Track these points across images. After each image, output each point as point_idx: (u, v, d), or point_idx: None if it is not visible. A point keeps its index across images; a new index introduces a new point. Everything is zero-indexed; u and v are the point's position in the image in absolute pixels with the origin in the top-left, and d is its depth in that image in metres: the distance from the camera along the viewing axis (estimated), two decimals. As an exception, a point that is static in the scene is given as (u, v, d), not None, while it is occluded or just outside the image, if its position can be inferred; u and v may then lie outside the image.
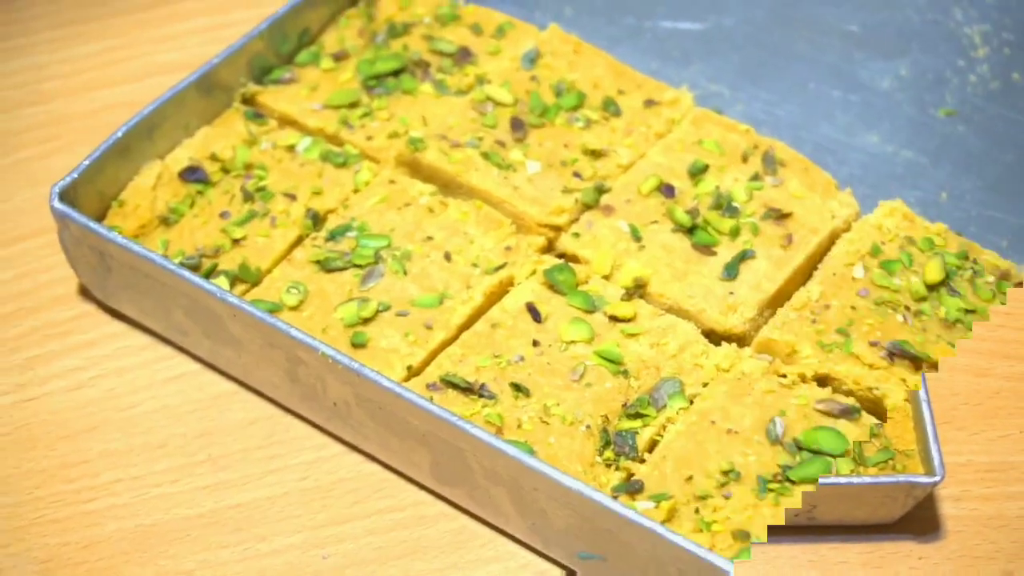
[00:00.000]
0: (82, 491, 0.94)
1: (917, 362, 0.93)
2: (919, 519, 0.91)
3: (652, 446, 0.90)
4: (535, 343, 0.94)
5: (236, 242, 0.99)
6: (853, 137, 1.11)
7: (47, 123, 1.14)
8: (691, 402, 0.92)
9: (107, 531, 0.92)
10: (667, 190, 1.01)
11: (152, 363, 1.00)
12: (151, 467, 0.95)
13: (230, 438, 0.96)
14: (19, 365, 1.00)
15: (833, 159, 1.10)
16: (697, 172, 1.02)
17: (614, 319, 0.95)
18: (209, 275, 0.97)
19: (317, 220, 1.00)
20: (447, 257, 0.97)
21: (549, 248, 1.00)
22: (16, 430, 0.96)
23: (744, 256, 0.97)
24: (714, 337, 0.96)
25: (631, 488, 0.87)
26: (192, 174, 1.03)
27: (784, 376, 0.93)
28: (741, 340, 0.95)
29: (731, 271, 0.96)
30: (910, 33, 1.18)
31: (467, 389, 0.91)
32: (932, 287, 0.96)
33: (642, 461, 0.89)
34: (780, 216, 0.99)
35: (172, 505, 0.93)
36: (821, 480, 0.85)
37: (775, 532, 0.89)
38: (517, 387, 0.91)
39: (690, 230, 0.98)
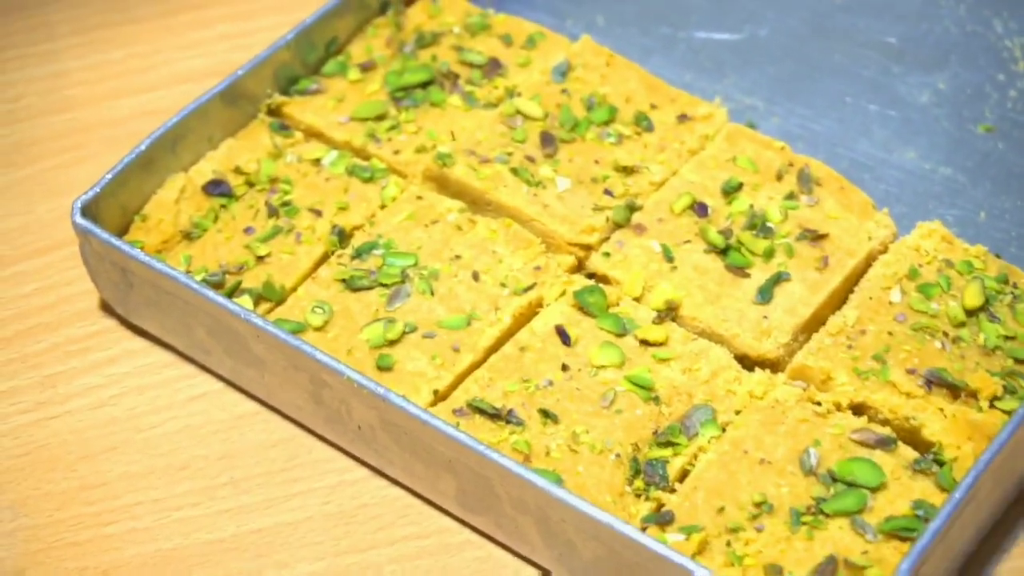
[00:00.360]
0: (102, 514, 0.92)
1: (955, 391, 0.90)
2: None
3: (683, 475, 0.88)
4: (564, 367, 0.92)
5: (260, 259, 0.97)
6: (890, 153, 1.08)
7: (70, 132, 1.13)
8: (723, 430, 0.90)
9: (127, 555, 0.90)
10: (700, 209, 0.99)
11: (174, 381, 0.98)
12: (172, 489, 0.93)
13: (252, 460, 0.94)
14: (39, 382, 0.98)
15: (870, 176, 1.07)
16: (731, 190, 1.00)
17: (645, 343, 0.93)
18: (232, 293, 0.96)
19: (343, 237, 0.98)
20: (475, 277, 0.95)
21: (579, 267, 0.98)
22: (36, 450, 0.95)
23: (779, 279, 0.95)
24: (747, 362, 0.93)
25: (661, 519, 0.85)
26: (216, 188, 1.02)
27: (819, 404, 0.90)
28: (775, 366, 0.93)
29: (765, 294, 0.94)
30: (949, 45, 1.15)
31: (495, 415, 0.89)
32: (971, 312, 0.94)
33: (673, 491, 0.87)
34: (816, 237, 0.97)
35: (193, 529, 0.91)
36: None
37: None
38: (545, 413, 0.89)
39: (723, 251, 0.96)
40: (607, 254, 0.97)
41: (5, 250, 1.05)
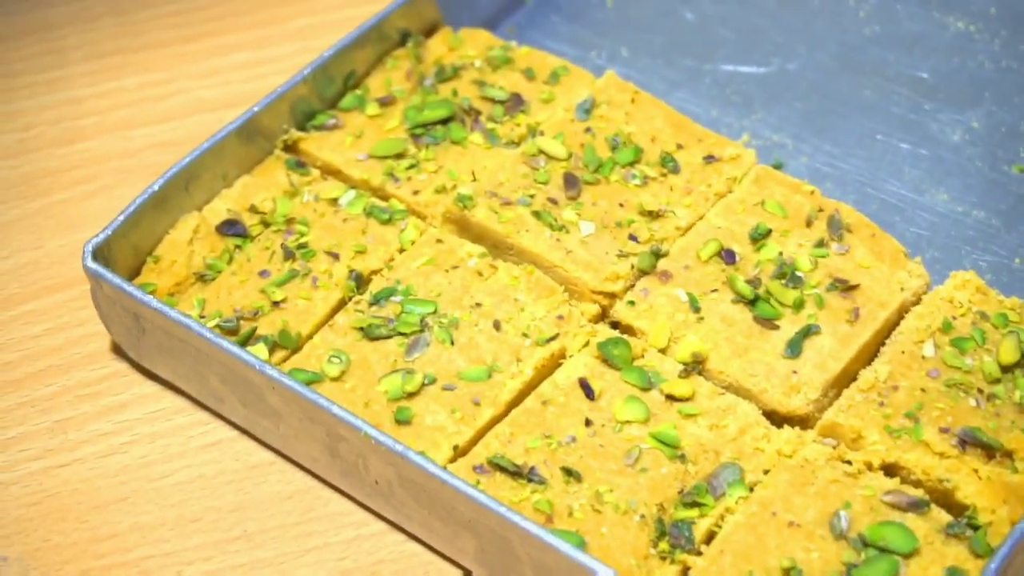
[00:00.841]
0: (112, 568, 0.90)
1: (990, 451, 0.88)
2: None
3: (710, 537, 0.86)
4: (588, 422, 0.89)
5: (276, 304, 0.95)
6: (922, 195, 1.06)
7: (83, 163, 1.10)
8: (751, 490, 0.87)
9: (138, 611, 0.89)
10: (727, 256, 0.96)
11: (186, 428, 0.96)
12: (184, 543, 0.91)
13: (266, 513, 0.92)
14: (49, 428, 0.96)
15: (901, 218, 1.04)
16: (759, 237, 0.97)
17: (671, 398, 0.90)
18: (247, 340, 0.93)
19: (360, 282, 0.96)
20: (496, 326, 0.93)
21: (603, 316, 0.96)
22: (46, 499, 0.93)
23: (808, 332, 0.92)
24: (776, 418, 0.91)
25: (687, 584, 0.83)
26: (230, 228, 0.99)
27: (849, 463, 0.88)
28: (804, 422, 0.91)
29: (795, 348, 0.92)
30: (983, 81, 1.12)
31: (516, 473, 0.87)
32: (1006, 368, 0.91)
33: (699, 554, 0.85)
34: (847, 288, 0.94)
35: (206, 585, 0.90)
36: None
37: None
38: (568, 471, 0.87)
39: (752, 302, 0.94)
40: (632, 303, 0.94)
41: (15, 288, 1.03)
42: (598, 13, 1.18)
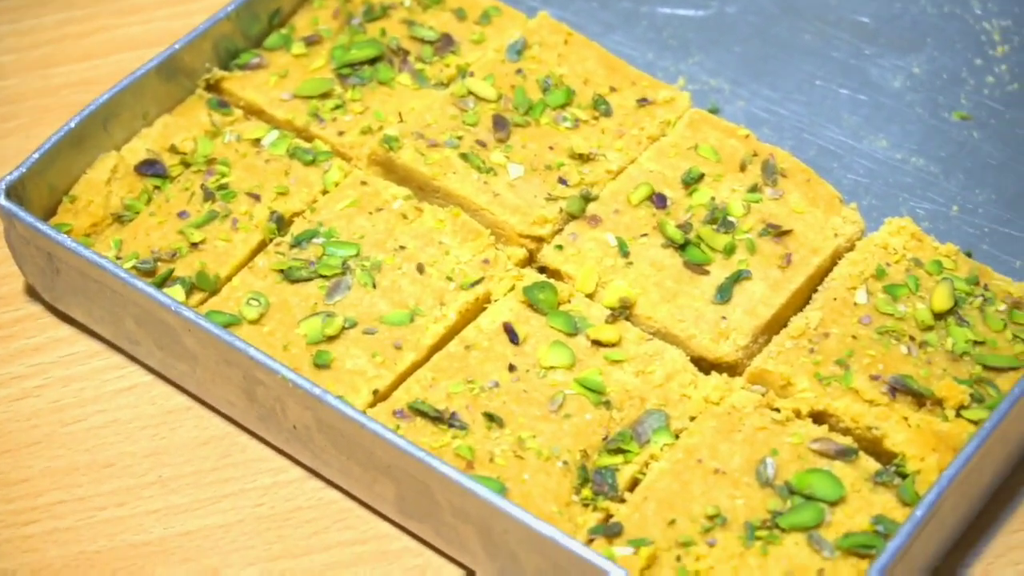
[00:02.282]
0: (22, 512, 0.88)
1: (920, 399, 0.86)
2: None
3: (634, 484, 0.84)
4: (511, 368, 0.87)
5: (194, 246, 0.92)
6: (860, 141, 1.04)
7: (0, 101, 1.07)
8: (677, 437, 0.86)
9: (48, 557, 0.86)
10: (658, 200, 0.94)
11: (101, 372, 0.93)
12: (97, 488, 0.89)
13: (182, 458, 0.90)
14: (-41, 371, 0.94)
15: (838, 164, 1.02)
16: (691, 181, 0.95)
17: (597, 343, 0.88)
18: (164, 282, 0.90)
19: (282, 224, 0.93)
20: (420, 269, 0.91)
21: (530, 261, 0.93)
22: (-46, 443, 0.91)
23: (739, 277, 0.90)
24: (704, 365, 0.89)
25: (609, 531, 0.81)
26: (149, 168, 0.96)
27: (777, 411, 0.86)
28: (732, 369, 0.89)
29: (724, 294, 0.90)
30: (925, 27, 1.10)
31: (437, 418, 0.85)
32: (939, 315, 0.89)
33: (622, 501, 0.83)
34: (779, 233, 0.92)
35: (118, 531, 0.87)
36: None
37: None
38: (490, 417, 0.85)
39: (682, 246, 0.92)
40: (560, 247, 0.92)
41: (-74, 228, 1.00)
42: (531, -49, 1.16)
